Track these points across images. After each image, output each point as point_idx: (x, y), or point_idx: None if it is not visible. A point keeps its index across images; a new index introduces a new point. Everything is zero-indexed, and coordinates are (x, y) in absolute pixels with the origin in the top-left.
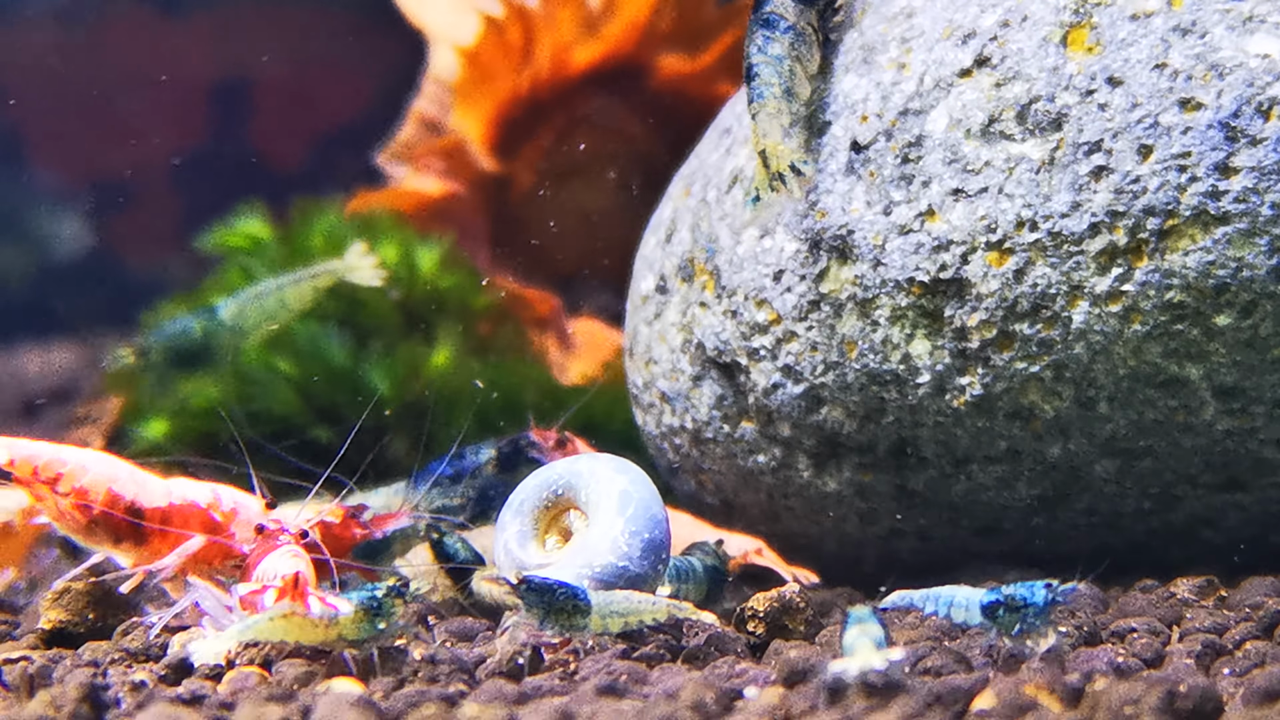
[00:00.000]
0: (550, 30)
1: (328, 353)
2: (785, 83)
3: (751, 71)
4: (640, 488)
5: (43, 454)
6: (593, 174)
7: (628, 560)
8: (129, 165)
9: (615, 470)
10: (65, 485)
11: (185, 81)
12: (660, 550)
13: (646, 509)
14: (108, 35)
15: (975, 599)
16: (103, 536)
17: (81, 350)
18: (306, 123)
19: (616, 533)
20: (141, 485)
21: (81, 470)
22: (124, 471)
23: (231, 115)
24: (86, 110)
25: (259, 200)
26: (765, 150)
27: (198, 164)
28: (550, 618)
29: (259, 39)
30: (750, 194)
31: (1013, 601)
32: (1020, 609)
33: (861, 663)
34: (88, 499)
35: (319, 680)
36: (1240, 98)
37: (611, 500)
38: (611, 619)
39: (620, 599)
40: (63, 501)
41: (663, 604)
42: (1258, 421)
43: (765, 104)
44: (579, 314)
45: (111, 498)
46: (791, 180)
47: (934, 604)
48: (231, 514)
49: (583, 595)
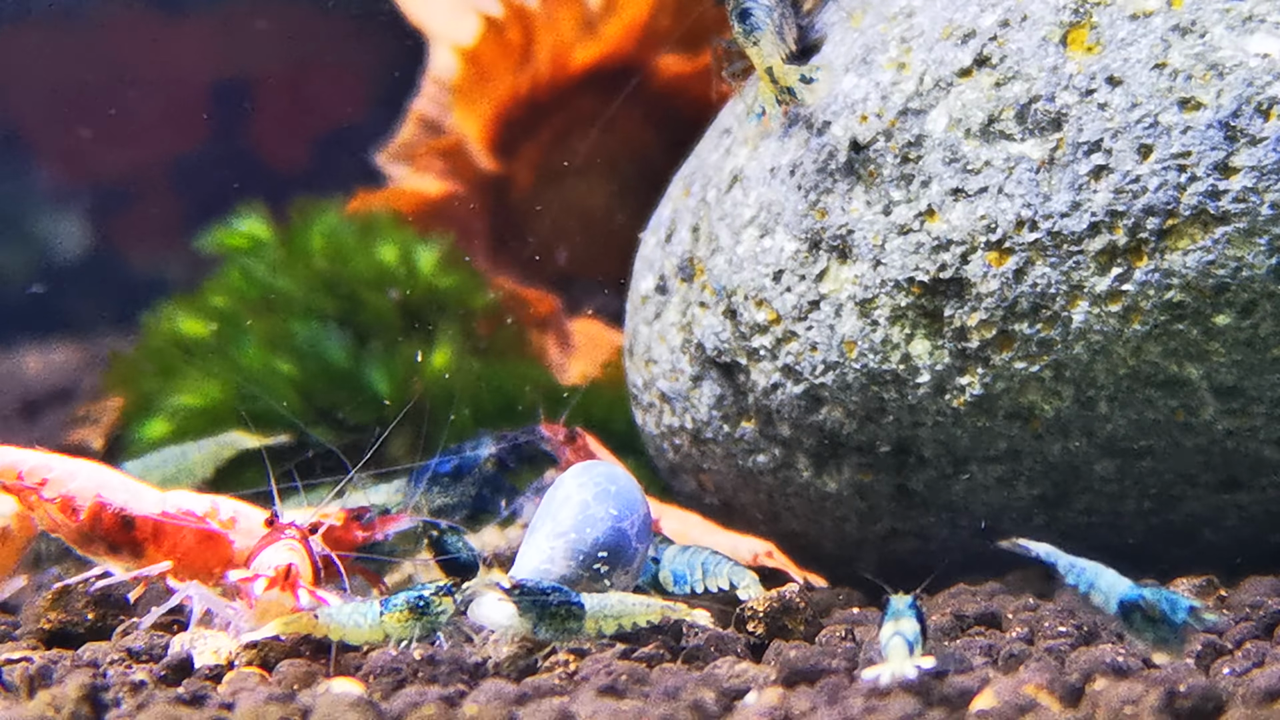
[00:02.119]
0: (550, 30)
1: (328, 353)
2: (777, 25)
3: (745, 11)
4: (585, 490)
5: (28, 460)
6: (592, 174)
7: (549, 563)
8: (128, 165)
9: (570, 476)
10: (51, 491)
11: (185, 81)
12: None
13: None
14: (107, 35)
15: (1116, 591)
16: (98, 546)
17: (81, 350)
18: (306, 122)
19: (540, 538)
20: (133, 494)
21: (68, 476)
22: (115, 480)
23: (231, 115)
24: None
25: (259, 200)
26: (771, 68)
27: (197, 164)
28: (544, 623)
29: (259, 39)
30: (754, 111)
31: (1152, 610)
32: (1157, 621)
33: (894, 670)
34: (74, 505)
35: (319, 680)
36: (1240, 97)
37: (548, 506)
38: (606, 621)
39: (614, 601)
40: (51, 508)
41: (656, 605)
42: (1258, 421)
43: (764, 33)
44: (579, 314)
45: (99, 505)
46: (802, 89)
47: (1075, 576)
48: (230, 523)
49: (576, 600)
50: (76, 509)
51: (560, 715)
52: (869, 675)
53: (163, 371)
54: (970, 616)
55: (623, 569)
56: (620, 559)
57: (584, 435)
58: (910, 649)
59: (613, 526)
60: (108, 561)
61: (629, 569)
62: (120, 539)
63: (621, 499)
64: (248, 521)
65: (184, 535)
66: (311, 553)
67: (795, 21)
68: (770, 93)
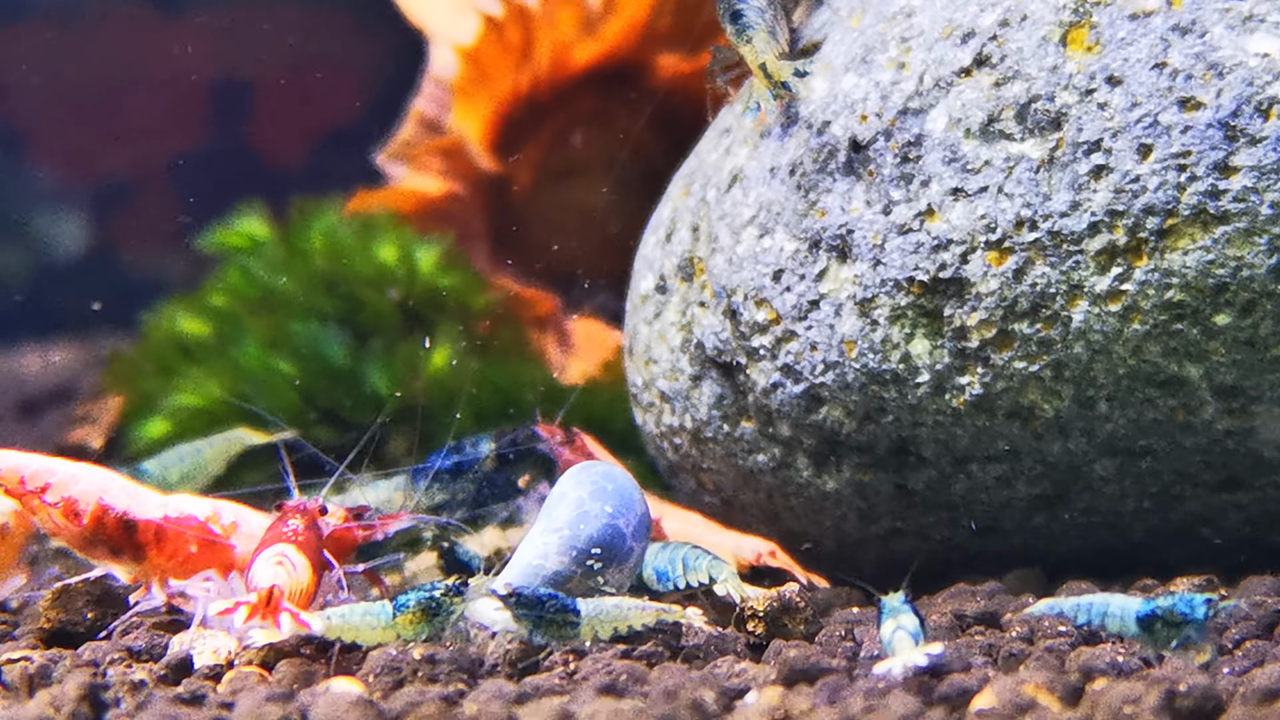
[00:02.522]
0: (550, 30)
1: (328, 353)
2: (769, 26)
3: (737, 12)
4: (581, 488)
5: (30, 464)
6: (592, 173)
7: (543, 559)
8: (128, 164)
9: (567, 475)
10: (54, 495)
11: (185, 81)
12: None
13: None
14: (107, 35)
15: (1130, 610)
16: (101, 550)
17: (81, 350)
18: (306, 122)
19: (535, 533)
20: (135, 498)
21: (71, 480)
22: (116, 484)
23: (231, 114)
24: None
25: (258, 200)
26: (765, 64)
27: (197, 163)
28: (540, 629)
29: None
30: (750, 106)
31: (1171, 616)
32: (1179, 624)
33: (905, 661)
34: (77, 509)
35: (319, 680)
36: (1240, 97)
37: (545, 505)
38: (602, 625)
39: (610, 605)
40: (54, 512)
41: (652, 608)
42: (1257, 421)
43: (757, 32)
44: (579, 314)
45: (101, 508)
46: (797, 83)
47: (1085, 614)
48: (232, 527)
49: (573, 605)
50: (79, 513)
51: (560, 715)
52: (880, 669)
53: (163, 371)
54: (970, 616)
55: (617, 566)
56: (615, 556)
57: (581, 436)
58: (915, 641)
59: (608, 523)
60: (109, 565)
61: (623, 566)
62: (122, 543)
63: (618, 497)
64: (249, 526)
65: (186, 539)
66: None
67: (788, 25)
68: (765, 88)
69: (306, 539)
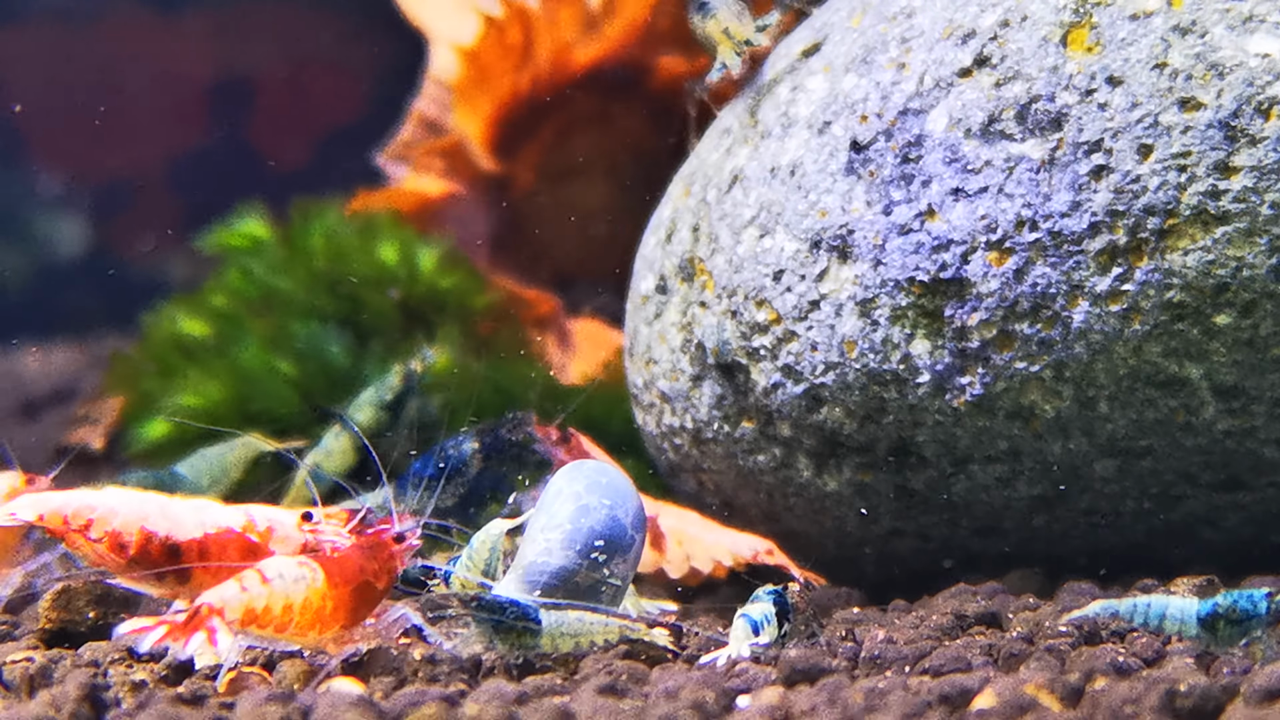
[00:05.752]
0: (550, 30)
1: (328, 353)
2: (735, 10)
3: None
4: (576, 483)
5: (70, 503)
6: (593, 174)
7: (547, 555)
8: (128, 165)
9: (560, 474)
10: (97, 530)
11: (184, 81)
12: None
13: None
14: (107, 35)
15: (1190, 611)
16: (145, 576)
17: (81, 350)
18: (306, 122)
19: (536, 531)
20: (173, 519)
21: (112, 514)
22: (153, 507)
23: (231, 114)
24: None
25: (259, 200)
26: (728, 29)
27: (197, 163)
28: (500, 636)
29: (259, 38)
30: (716, 68)
31: (1234, 613)
32: (1242, 620)
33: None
34: (122, 541)
35: (319, 680)
36: (1240, 97)
37: (542, 504)
38: (563, 639)
39: (573, 619)
40: (99, 547)
41: (615, 624)
42: (1258, 421)
43: (720, 8)
44: (579, 314)
45: (145, 536)
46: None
47: (1142, 616)
48: (268, 533)
49: (533, 614)
50: (125, 544)
51: (560, 715)
52: (706, 660)
53: (163, 371)
54: (970, 616)
55: (620, 557)
56: (618, 547)
57: (578, 436)
58: (756, 631)
59: (608, 515)
60: (155, 590)
61: (626, 557)
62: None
63: (613, 490)
64: (283, 529)
65: (228, 553)
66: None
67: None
68: (729, 47)
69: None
